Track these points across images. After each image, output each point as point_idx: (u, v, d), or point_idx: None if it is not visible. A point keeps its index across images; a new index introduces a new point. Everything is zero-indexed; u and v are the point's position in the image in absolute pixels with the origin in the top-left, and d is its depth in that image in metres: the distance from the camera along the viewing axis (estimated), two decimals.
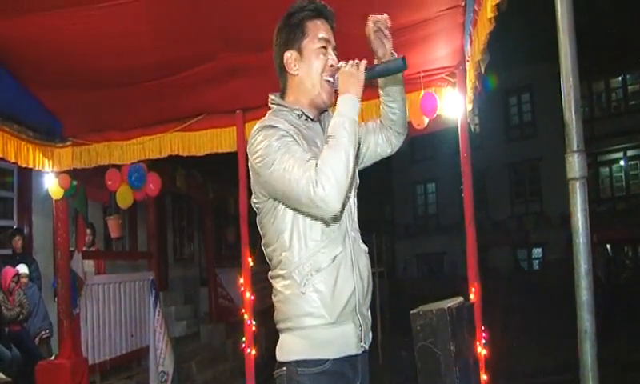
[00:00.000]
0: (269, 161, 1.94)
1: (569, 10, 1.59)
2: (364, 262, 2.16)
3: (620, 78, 26.25)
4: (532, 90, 26.74)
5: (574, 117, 1.55)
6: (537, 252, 26.75)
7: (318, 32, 2.14)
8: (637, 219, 23.41)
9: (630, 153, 25.85)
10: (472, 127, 4.70)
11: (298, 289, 2.03)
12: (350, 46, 2.23)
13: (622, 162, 26.22)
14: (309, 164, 1.87)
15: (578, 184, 1.55)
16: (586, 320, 1.43)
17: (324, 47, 2.15)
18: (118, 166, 6.39)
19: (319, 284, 2.00)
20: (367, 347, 2.14)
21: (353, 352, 2.06)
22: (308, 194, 1.84)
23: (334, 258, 2.03)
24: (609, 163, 26.52)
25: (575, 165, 1.55)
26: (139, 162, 6.16)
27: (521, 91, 27.49)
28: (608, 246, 24.80)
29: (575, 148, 1.56)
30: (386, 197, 31.03)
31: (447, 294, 3.87)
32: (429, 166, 28.02)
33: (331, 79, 2.12)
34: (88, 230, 9.14)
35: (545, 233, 24.57)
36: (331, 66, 2.14)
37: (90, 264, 8.77)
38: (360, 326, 2.07)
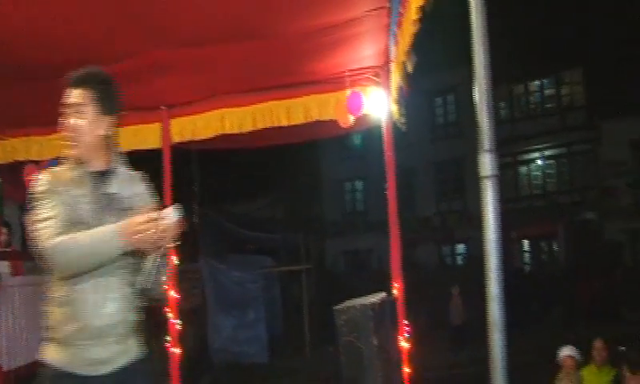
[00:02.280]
0: None
1: (482, 21, 1.66)
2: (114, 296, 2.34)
3: (538, 82, 27.47)
4: (456, 91, 27.50)
5: (485, 119, 1.61)
6: (460, 248, 27.57)
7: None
8: (553, 216, 24.55)
9: (547, 152, 27.09)
10: (400, 126, 4.79)
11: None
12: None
13: (539, 162, 27.45)
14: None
15: (489, 182, 1.62)
16: (495, 311, 1.50)
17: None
18: (37, 162, 6.13)
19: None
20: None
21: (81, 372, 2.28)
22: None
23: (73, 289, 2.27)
24: (527, 162, 27.70)
25: (487, 164, 1.62)
26: (59, 157, 5.92)
27: (446, 92, 28.23)
28: (526, 241, 25.94)
29: (487, 148, 1.63)
30: (315, 194, 31.20)
31: (375, 290, 3.94)
32: (357, 163, 28.33)
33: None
34: (4, 229, 8.71)
35: (468, 230, 25.37)
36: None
37: (5, 265, 8.36)
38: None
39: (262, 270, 15.86)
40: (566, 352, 5.59)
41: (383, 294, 3.43)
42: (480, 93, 1.60)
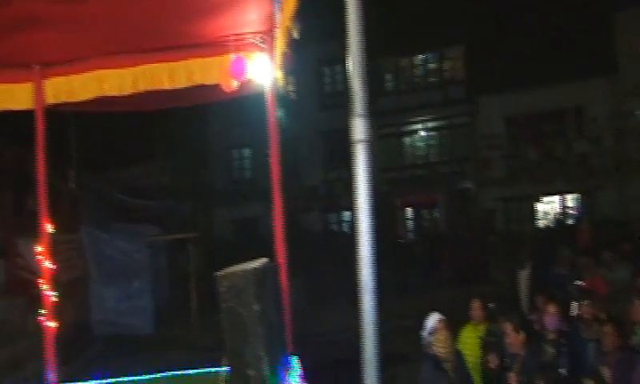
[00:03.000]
0: None
1: None
2: None
3: (422, 57, 28.43)
4: (344, 61, 27.82)
5: (358, 85, 1.64)
6: (347, 215, 28.25)
7: None
8: (434, 185, 25.75)
9: (429, 124, 28.24)
10: (285, 93, 4.78)
11: None
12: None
13: (422, 133, 28.57)
14: None
15: (360, 146, 1.66)
16: (365, 274, 1.54)
17: None
18: None
19: None
20: None
21: None
22: None
23: None
24: (411, 133, 28.74)
25: (358, 128, 1.65)
26: None
27: (334, 62, 28.51)
28: (409, 208, 27.04)
29: (359, 112, 1.66)
30: (202, 162, 30.68)
31: (262, 257, 3.95)
32: (245, 130, 28.12)
33: None
34: None
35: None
36: None
37: None
38: None
39: (147, 239, 15.42)
40: (435, 318, 5.87)
41: (265, 260, 3.45)
42: (353, 60, 1.63)
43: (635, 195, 22.53)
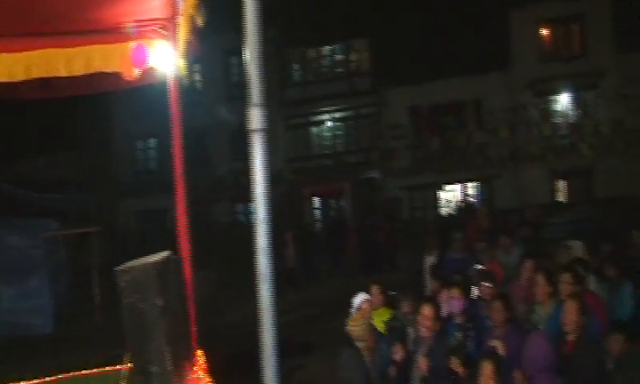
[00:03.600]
0: None
1: None
2: None
3: (329, 48, 28.70)
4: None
5: (255, 74, 1.63)
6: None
7: None
8: (341, 174, 26.07)
9: (336, 115, 28.57)
10: (193, 83, 4.69)
11: None
12: None
13: (329, 123, 28.87)
14: None
15: (257, 135, 1.65)
16: (263, 264, 1.55)
17: None
18: None
19: None
20: None
21: None
22: None
23: None
24: (318, 123, 28.99)
25: (255, 117, 1.64)
26: None
27: (241, 52, 28.20)
28: (316, 197, 27.30)
29: (256, 102, 1.65)
30: (106, 153, 29.58)
31: (168, 250, 3.85)
32: (150, 120, 27.32)
33: None
34: None
35: None
36: None
37: None
38: None
39: (44, 233, 14.66)
40: (362, 297, 6.06)
41: (168, 253, 3.36)
42: (250, 49, 1.62)
43: (527, 183, 23.87)
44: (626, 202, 20.46)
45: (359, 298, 6.04)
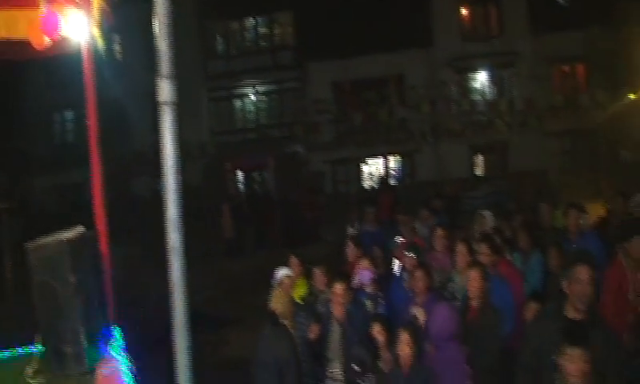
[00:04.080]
0: None
1: None
2: None
3: (253, 21, 28.31)
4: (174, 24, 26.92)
5: (165, 45, 1.59)
6: None
7: None
8: (264, 148, 25.99)
9: (259, 88, 28.33)
10: (111, 54, 4.51)
11: None
12: None
13: (252, 97, 28.60)
14: None
15: (167, 108, 1.62)
16: (173, 238, 1.53)
17: None
18: None
19: None
20: None
21: None
22: None
23: None
24: (242, 97, 28.66)
25: (165, 90, 1.61)
26: None
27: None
28: (240, 171, 27.10)
29: (165, 74, 1.62)
30: (19, 126, 28.12)
31: (87, 225, 3.72)
32: (67, 92, 26.17)
33: None
34: None
35: (184, 162, 25.50)
36: None
37: None
38: None
39: None
40: (283, 272, 6.06)
41: (82, 229, 3.24)
42: (159, 19, 1.58)
43: (447, 157, 24.60)
44: (538, 176, 21.52)
45: (280, 273, 6.03)
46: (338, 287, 5.59)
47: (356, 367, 5.15)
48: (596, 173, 21.94)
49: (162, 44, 1.57)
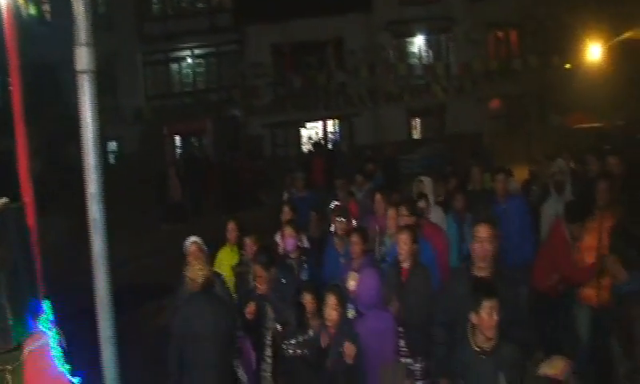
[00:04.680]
0: None
1: None
2: None
3: None
4: None
5: (81, 12, 1.53)
6: (112, 146, 26.95)
7: None
8: (202, 112, 25.54)
9: (196, 51, 27.68)
10: (40, 16, 4.30)
11: None
12: None
13: (189, 60, 27.95)
14: None
15: (85, 77, 1.57)
16: (94, 210, 1.50)
17: None
18: None
19: None
20: None
21: None
22: None
23: None
24: (179, 60, 27.96)
25: (83, 58, 1.56)
26: None
27: None
28: (177, 136, 26.57)
29: (83, 41, 1.56)
30: None
31: (12, 196, 3.56)
32: None
33: None
34: None
35: (120, 127, 24.86)
36: None
37: None
38: None
39: None
40: (191, 240, 5.93)
41: (4, 200, 3.09)
42: None
43: (385, 121, 24.86)
44: (472, 139, 22.10)
45: (188, 242, 5.88)
46: (258, 268, 5.54)
47: (279, 327, 5.20)
48: (528, 137, 22.62)
49: (79, 9, 1.50)
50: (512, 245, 6.99)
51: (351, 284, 5.62)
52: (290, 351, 4.97)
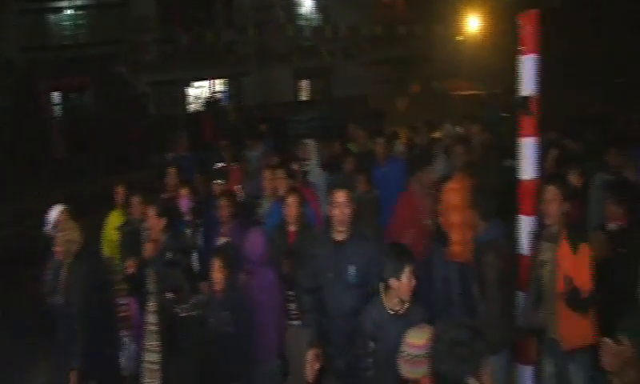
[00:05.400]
0: None
1: None
2: None
3: None
4: None
5: None
6: None
7: None
8: (84, 68, 24.24)
9: (77, 2, 26.17)
10: None
11: None
12: None
13: (69, 11, 26.38)
14: None
15: None
16: None
17: None
18: None
19: None
20: None
21: None
22: None
23: None
24: (56, 11, 26.31)
25: None
26: None
27: None
28: (56, 92, 25.13)
29: None
30: None
31: None
32: None
33: None
34: None
35: None
36: None
37: None
38: None
39: None
40: (57, 210, 5.54)
41: None
42: None
43: (273, 81, 24.85)
44: (358, 102, 22.72)
45: (54, 213, 5.47)
46: (151, 211, 5.54)
47: (170, 295, 5.14)
48: (410, 101, 23.49)
49: None
50: (392, 207, 7.38)
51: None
52: (184, 314, 5.02)
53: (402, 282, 3.92)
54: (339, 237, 4.59)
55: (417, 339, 3.39)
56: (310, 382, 4.27)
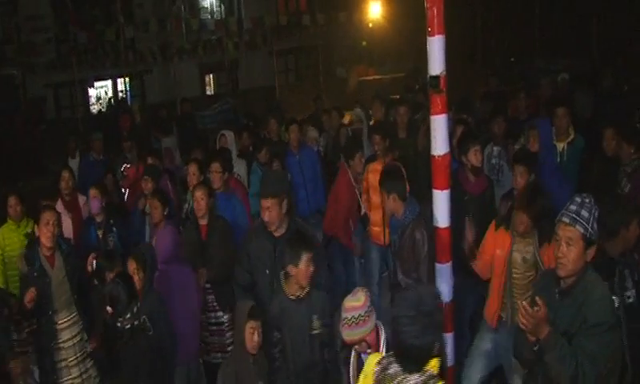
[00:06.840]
0: None
1: None
2: None
3: None
4: None
5: None
6: None
7: None
8: None
9: None
10: None
11: None
12: None
13: None
14: None
15: None
16: None
17: None
18: None
19: None
20: None
21: None
22: None
23: None
24: None
25: None
26: None
27: None
28: None
29: None
30: None
31: None
32: None
33: None
34: None
35: None
36: None
37: None
38: None
39: None
40: None
41: None
42: None
43: (178, 77, 24.25)
44: (265, 93, 22.71)
45: None
46: (47, 215, 5.45)
47: (109, 308, 4.65)
48: (317, 89, 23.64)
49: None
50: (307, 193, 7.45)
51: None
52: (127, 325, 4.62)
53: (300, 269, 4.07)
54: (277, 233, 4.73)
55: (355, 301, 3.52)
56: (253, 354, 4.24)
